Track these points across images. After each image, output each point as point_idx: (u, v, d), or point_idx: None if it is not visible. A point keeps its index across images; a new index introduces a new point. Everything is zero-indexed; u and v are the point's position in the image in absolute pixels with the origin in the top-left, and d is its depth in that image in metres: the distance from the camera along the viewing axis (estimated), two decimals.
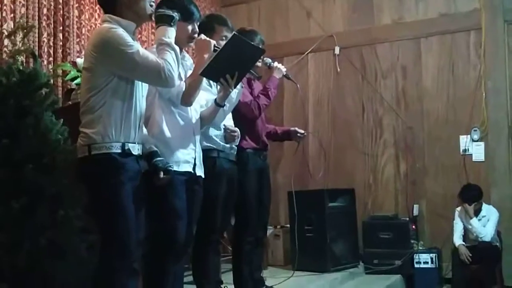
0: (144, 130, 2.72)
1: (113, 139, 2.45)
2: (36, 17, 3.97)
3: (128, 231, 2.43)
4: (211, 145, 3.28)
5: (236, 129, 3.39)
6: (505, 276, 5.10)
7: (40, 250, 2.81)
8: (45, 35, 4.04)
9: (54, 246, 2.84)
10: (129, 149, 2.48)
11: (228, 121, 3.44)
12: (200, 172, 3.00)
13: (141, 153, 2.60)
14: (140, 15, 2.57)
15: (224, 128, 3.34)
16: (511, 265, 5.19)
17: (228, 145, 3.39)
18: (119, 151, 2.45)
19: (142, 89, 2.62)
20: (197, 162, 2.97)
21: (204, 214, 3.06)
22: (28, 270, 2.80)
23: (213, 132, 3.31)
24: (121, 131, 2.47)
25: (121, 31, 2.45)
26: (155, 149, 2.71)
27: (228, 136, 3.34)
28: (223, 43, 3.04)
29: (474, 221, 5.03)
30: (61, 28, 4.22)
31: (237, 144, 3.49)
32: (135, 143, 2.53)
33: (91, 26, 4.52)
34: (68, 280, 2.86)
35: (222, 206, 3.34)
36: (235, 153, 3.50)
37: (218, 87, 3.13)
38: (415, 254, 5.30)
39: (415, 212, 5.67)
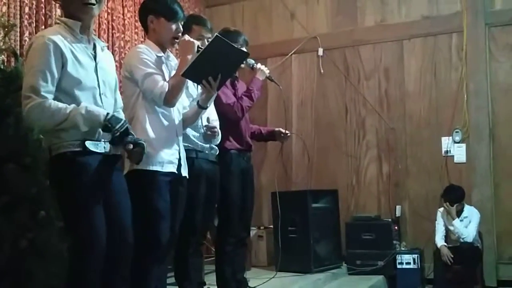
0: None
1: (70, 137, 2.36)
2: (18, 16, 3.92)
3: (92, 235, 2.35)
4: (190, 145, 3.26)
5: (215, 125, 3.38)
6: (486, 276, 5.16)
7: (21, 251, 2.78)
8: (26, 34, 3.98)
9: (35, 247, 2.82)
10: (89, 147, 2.38)
11: (214, 122, 3.44)
12: (185, 172, 3.00)
13: (110, 152, 2.48)
14: (76, 15, 2.47)
15: (203, 126, 3.33)
16: (492, 265, 5.26)
17: (207, 145, 3.38)
18: (79, 149, 2.36)
19: (103, 88, 2.51)
20: (182, 163, 2.96)
21: (184, 215, 3.05)
22: (9, 271, 2.76)
23: (191, 132, 3.29)
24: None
25: (42, 42, 2.35)
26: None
27: (207, 133, 3.33)
28: (200, 43, 3.04)
29: (456, 222, 5.07)
30: (43, 27, 4.16)
31: (217, 143, 3.47)
32: (100, 140, 2.43)
33: None
34: (49, 281, 2.83)
35: (202, 207, 3.33)
36: (216, 153, 3.49)
37: (200, 89, 3.12)
38: (397, 255, 5.33)
39: (398, 213, 5.71)
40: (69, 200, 2.38)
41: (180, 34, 2.98)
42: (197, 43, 2.95)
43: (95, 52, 2.53)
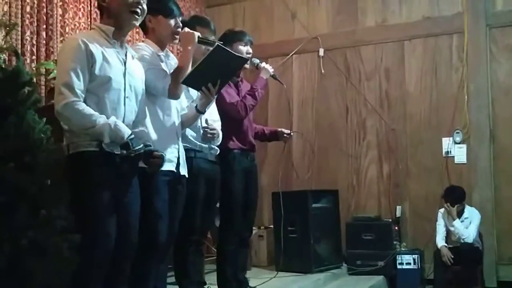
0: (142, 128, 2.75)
1: (89, 137, 2.46)
2: (19, 15, 3.93)
3: (102, 232, 2.43)
4: (188, 145, 3.27)
5: (215, 128, 3.38)
6: (486, 277, 5.17)
7: (21, 250, 2.77)
8: (28, 33, 3.99)
9: (36, 246, 2.81)
10: (106, 148, 2.47)
11: (214, 123, 3.44)
12: (184, 171, 3.01)
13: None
14: (118, 21, 2.62)
15: (203, 127, 3.33)
16: (492, 266, 5.27)
17: (206, 145, 3.38)
18: (96, 149, 2.47)
19: (128, 92, 2.61)
20: (180, 161, 2.98)
21: (184, 214, 3.06)
22: (9, 271, 2.76)
23: (189, 132, 3.30)
24: None
25: (75, 43, 2.48)
26: (148, 143, 2.71)
27: (205, 135, 3.33)
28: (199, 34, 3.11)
29: (457, 222, 5.07)
30: (44, 26, 4.18)
31: (217, 144, 3.48)
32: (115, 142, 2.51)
33: (74, 25, 4.48)
34: (50, 280, 2.82)
35: (202, 206, 3.33)
36: (216, 153, 3.49)
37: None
38: (397, 255, 5.34)
39: (398, 213, 5.71)
40: (83, 198, 2.46)
41: (179, 29, 3.01)
42: (197, 34, 2.98)
43: (126, 58, 2.65)
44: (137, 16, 2.62)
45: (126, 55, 2.66)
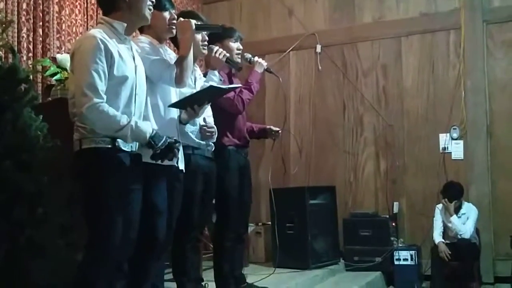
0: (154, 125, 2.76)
1: (102, 134, 2.46)
2: (15, 12, 3.92)
3: (111, 229, 2.42)
4: (186, 142, 3.26)
5: (213, 126, 3.38)
6: (483, 272, 5.18)
7: (19, 248, 2.77)
8: (24, 30, 3.98)
9: (33, 244, 2.81)
10: (119, 144, 2.48)
11: (208, 118, 3.43)
12: (182, 165, 3.01)
13: (136, 150, 2.59)
14: (139, 17, 2.64)
15: (200, 125, 3.33)
16: (489, 262, 5.28)
17: (203, 142, 3.38)
18: (109, 146, 2.46)
19: (138, 88, 2.62)
20: (179, 156, 2.98)
21: (181, 211, 3.06)
22: (7, 269, 2.76)
23: (188, 128, 3.29)
24: None
25: (95, 43, 2.45)
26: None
27: (204, 133, 3.32)
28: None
29: (454, 218, 5.08)
30: (40, 23, 4.18)
31: (214, 141, 3.47)
32: None
33: (71, 22, 4.48)
34: (48, 278, 2.83)
35: (199, 202, 3.33)
36: (213, 149, 3.48)
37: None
38: (395, 251, 5.34)
39: (395, 209, 5.72)
40: (94, 194, 2.46)
41: (174, 21, 3.02)
42: (193, 21, 2.98)
43: (133, 53, 2.67)
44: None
45: (132, 50, 2.68)
